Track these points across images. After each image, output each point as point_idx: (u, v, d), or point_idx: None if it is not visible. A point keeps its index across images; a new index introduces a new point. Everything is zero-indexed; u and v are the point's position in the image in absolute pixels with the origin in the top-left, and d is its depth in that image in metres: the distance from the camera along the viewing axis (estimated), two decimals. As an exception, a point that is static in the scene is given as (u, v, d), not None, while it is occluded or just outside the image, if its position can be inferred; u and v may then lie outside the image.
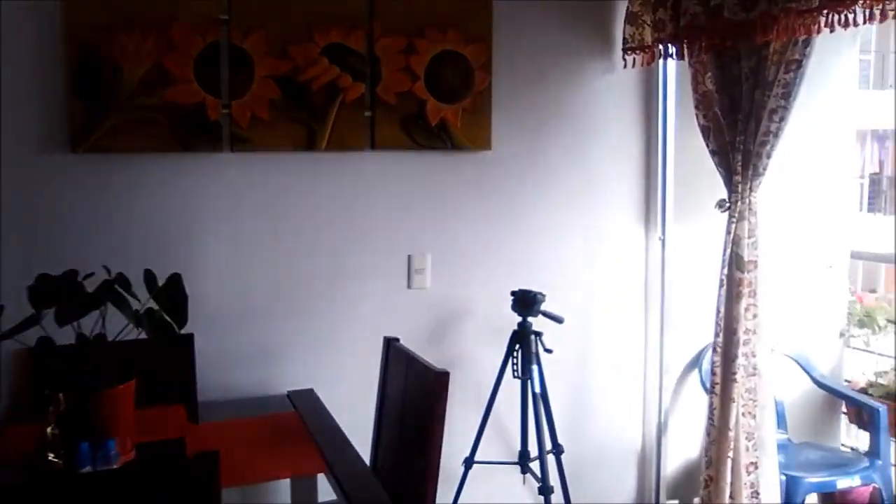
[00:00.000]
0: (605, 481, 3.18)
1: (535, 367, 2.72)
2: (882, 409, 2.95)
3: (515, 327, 2.76)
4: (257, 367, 2.62)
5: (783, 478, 2.73)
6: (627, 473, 3.23)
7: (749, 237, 2.59)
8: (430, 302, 2.82)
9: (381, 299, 2.76)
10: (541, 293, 2.73)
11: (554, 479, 2.73)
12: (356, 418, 2.37)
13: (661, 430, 3.17)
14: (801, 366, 3.26)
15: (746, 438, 2.62)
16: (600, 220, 3.05)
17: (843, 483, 2.81)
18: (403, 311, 2.78)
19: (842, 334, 3.49)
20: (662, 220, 3.09)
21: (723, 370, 2.62)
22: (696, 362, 3.23)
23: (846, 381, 3.54)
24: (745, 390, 2.61)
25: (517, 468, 2.84)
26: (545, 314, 2.73)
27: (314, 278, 2.66)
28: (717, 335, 2.64)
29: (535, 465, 2.77)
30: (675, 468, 3.25)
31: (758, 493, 2.63)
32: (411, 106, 2.63)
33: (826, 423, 3.49)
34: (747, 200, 2.58)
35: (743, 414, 2.61)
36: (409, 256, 2.78)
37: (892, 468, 3.03)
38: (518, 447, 2.85)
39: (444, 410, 2.02)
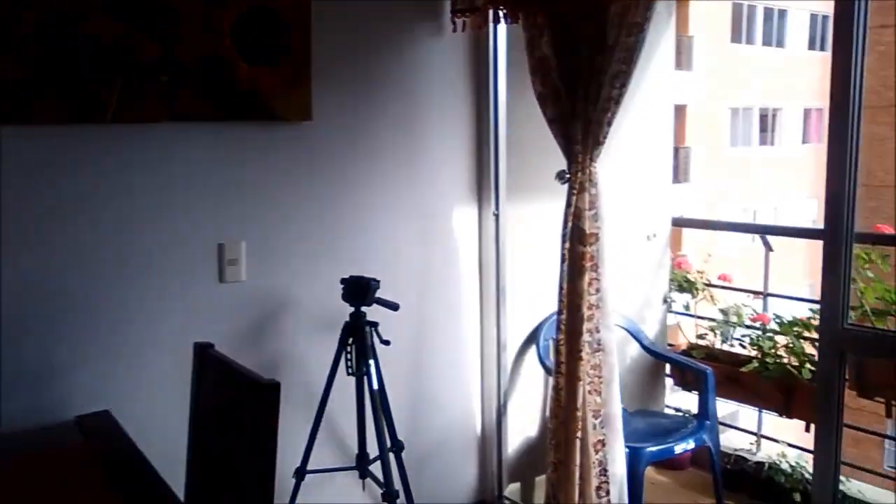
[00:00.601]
0: (446, 472, 3.01)
1: (371, 362, 2.46)
2: (709, 371, 3.01)
3: (348, 319, 2.47)
4: (35, 388, 2.12)
5: (626, 450, 2.69)
6: (468, 461, 3.08)
7: (590, 209, 2.48)
8: (248, 297, 2.46)
9: (188, 298, 2.35)
10: (374, 279, 2.46)
11: (395, 479, 2.49)
12: (165, 444, 1.99)
13: (500, 412, 3.05)
14: (632, 333, 3.27)
15: (594, 416, 2.53)
16: (432, 196, 2.83)
17: (679, 448, 2.83)
18: (216, 310, 2.40)
19: (665, 300, 3.56)
20: (496, 195, 2.93)
21: (568, 348, 2.51)
22: (532, 339, 3.13)
23: (669, 345, 3.63)
24: (590, 368, 2.51)
25: (356, 473, 2.58)
26: (380, 302, 2.48)
27: (102, 278, 2.20)
28: (560, 312, 2.52)
29: (375, 468, 2.52)
30: (515, 449, 3.14)
31: (606, 471, 2.57)
32: (217, 70, 2.24)
33: (652, 388, 3.55)
34: (587, 171, 2.46)
35: (589, 392, 2.52)
36: (220, 246, 2.39)
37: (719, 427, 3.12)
38: (355, 450, 2.58)
39: (276, 427, 1.71)
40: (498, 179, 2.91)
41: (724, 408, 3.65)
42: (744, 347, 3.36)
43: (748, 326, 3.35)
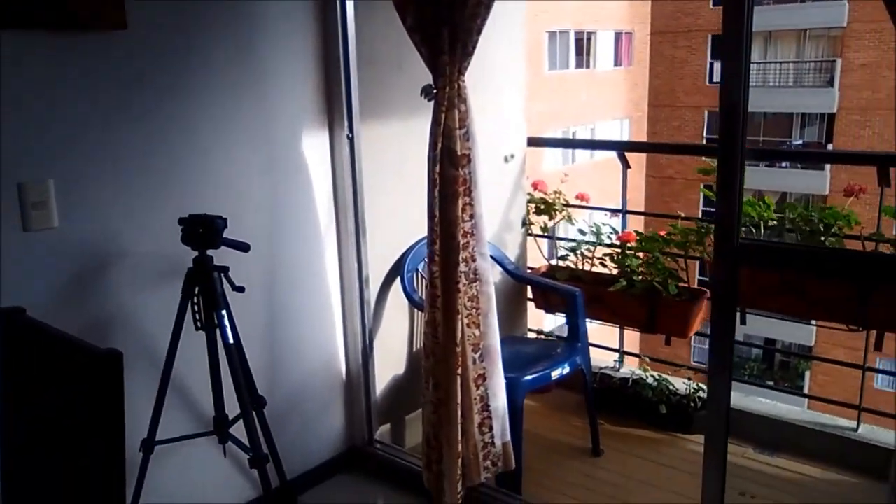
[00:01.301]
0: (312, 423, 2.76)
1: (223, 313, 2.13)
2: (578, 292, 2.95)
3: (191, 265, 2.12)
4: None
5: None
6: (335, 408, 2.85)
7: (460, 128, 2.25)
8: (63, 247, 2.03)
9: (-16, 253, 1.89)
10: (220, 217, 2.12)
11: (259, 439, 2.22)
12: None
13: (366, 353, 2.82)
14: (496, 259, 3.13)
15: (473, 351, 2.37)
16: (277, 119, 2.48)
17: (555, 374, 2.75)
18: (23, 266, 1.95)
19: (524, 223, 3.45)
20: (349, 116, 2.63)
21: (444, 281, 2.31)
22: (396, 271, 2.91)
23: (529, 268, 3.54)
24: (468, 299, 2.34)
25: (214, 439, 2.27)
26: (228, 243, 2.14)
27: None
28: (432, 242, 2.31)
29: (236, 430, 2.23)
30: (383, 389, 2.95)
31: (488, 406, 2.43)
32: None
33: (516, 313, 3.47)
34: (456, 85, 2.22)
35: (468, 325, 2.35)
36: (20, 186, 1.93)
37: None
38: (212, 413, 2.26)
39: (122, 407, 1.38)
40: (351, 99, 2.61)
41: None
42: (605, 266, 3.34)
43: (609, 245, 3.32)
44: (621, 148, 3.65)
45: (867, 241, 2.67)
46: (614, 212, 3.53)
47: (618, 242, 3.24)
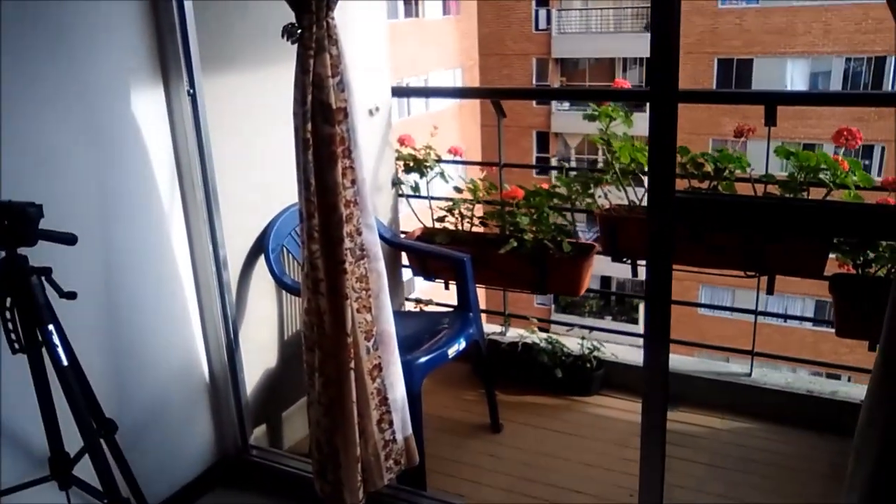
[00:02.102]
0: (174, 439, 2.34)
1: (50, 327, 1.66)
2: (467, 258, 2.67)
3: (-2, 269, 1.62)
4: None
5: (398, 367, 2.26)
6: (200, 417, 2.42)
7: (333, 76, 1.87)
8: None
9: None
10: (32, 204, 1.63)
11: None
12: None
13: (231, 348, 2.41)
14: (371, 228, 2.78)
15: (366, 339, 2.04)
16: (96, 75, 1.97)
17: (452, 350, 2.47)
18: None
19: (394, 183, 3.12)
20: (188, 66, 2.16)
21: (328, 262, 1.95)
22: (259, 249, 2.50)
23: (402, 232, 3.23)
24: (356, 280, 1.99)
25: (53, 485, 1.80)
26: (46, 236, 1.65)
27: None
28: (310, 217, 1.92)
29: (81, 469, 1.78)
30: (255, 387, 2.56)
31: (386, 399, 2.12)
32: None
33: (392, 283, 3.14)
34: (325, 23, 1.83)
35: (358, 310, 2.01)
36: None
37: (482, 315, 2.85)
38: (47, 453, 1.79)
39: None
40: (188, 46, 2.13)
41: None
42: (485, 226, 3.09)
43: (490, 202, 3.06)
44: (497, 95, 3.39)
45: (757, 183, 2.58)
46: (491, 165, 3.27)
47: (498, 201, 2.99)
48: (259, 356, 2.57)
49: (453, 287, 3.04)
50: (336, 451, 2.06)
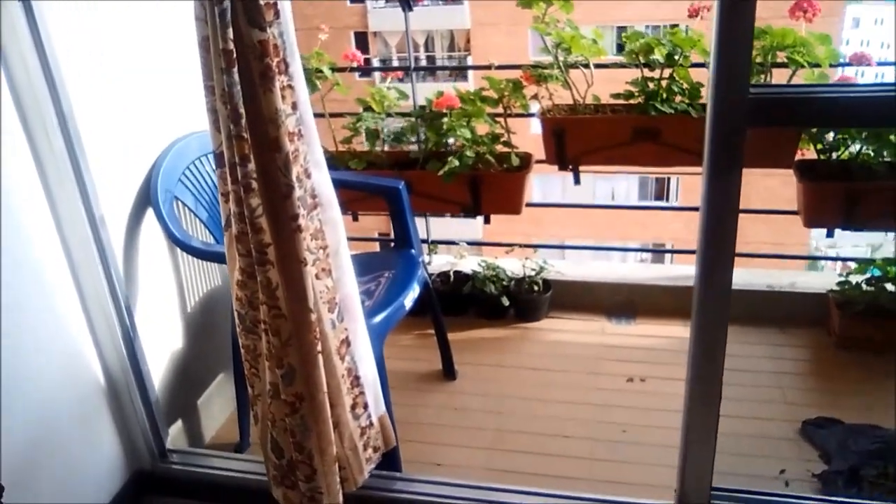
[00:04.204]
0: (69, 464, 1.78)
1: None
2: (401, 186, 2.22)
3: None
4: None
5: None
6: (100, 428, 1.87)
7: (256, -41, 1.31)
8: None
9: None
10: None
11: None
12: None
13: (129, 334, 1.85)
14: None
15: (329, 310, 1.57)
16: None
17: (409, 300, 2.04)
18: None
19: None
20: (14, -42, 1.49)
21: (274, 219, 1.44)
22: (146, 200, 1.92)
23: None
24: (310, 238, 1.50)
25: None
26: None
27: None
28: (243, 161, 1.40)
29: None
30: (160, 377, 2.03)
31: (358, 378, 1.69)
32: None
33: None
34: None
35: (317, 276, 1.53)
36: None
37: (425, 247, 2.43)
38: None
39: None
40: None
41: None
42: (401, 143, 2.63)
43: (404, 114, 2.59)
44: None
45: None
46: (401, 70, 2.78)
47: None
48: (163, 339, 2.03)
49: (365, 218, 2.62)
50: (309, 456, 1.61)
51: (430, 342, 2.44)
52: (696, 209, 1.40)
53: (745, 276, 2.72)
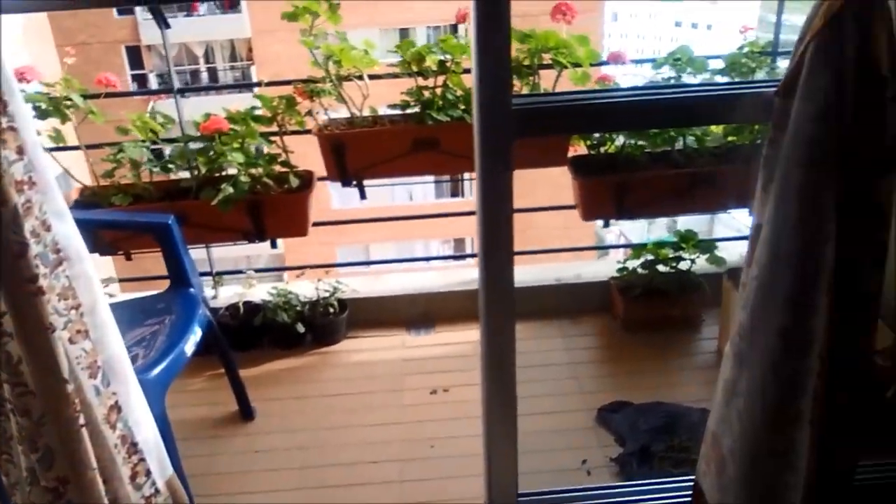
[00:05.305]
0: None
1: None
2: (172, 220, 2.04)
3: None
4: None
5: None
6: None
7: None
8: None
9: None
10: None
11: None
12: None
13: None
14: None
15: (91, 376, 1.39)
16: None
17: (190, 345, 1.88)
18: None
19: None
20: None
21: (8, 284, 1.24)
22: None
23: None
24: (57, 298, 1.31)
25: None
26: None
27: None
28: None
29: None
30: None
31: (135, 445, 1.51)
32: None
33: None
34: None
35: (71, 340, 1.34)
36: None
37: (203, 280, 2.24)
38: None
39: None
40: None
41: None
42: (169, 171, 2.42)
43: (171, 140, 2.39)
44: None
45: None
46: (163, 93, 2.56)
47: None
48: None
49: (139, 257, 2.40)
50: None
51: (223, 383, 2.28)
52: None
53: (534, 272, 2.81)
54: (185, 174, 2.40)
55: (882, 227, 1.31)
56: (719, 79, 2.44)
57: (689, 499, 1.69)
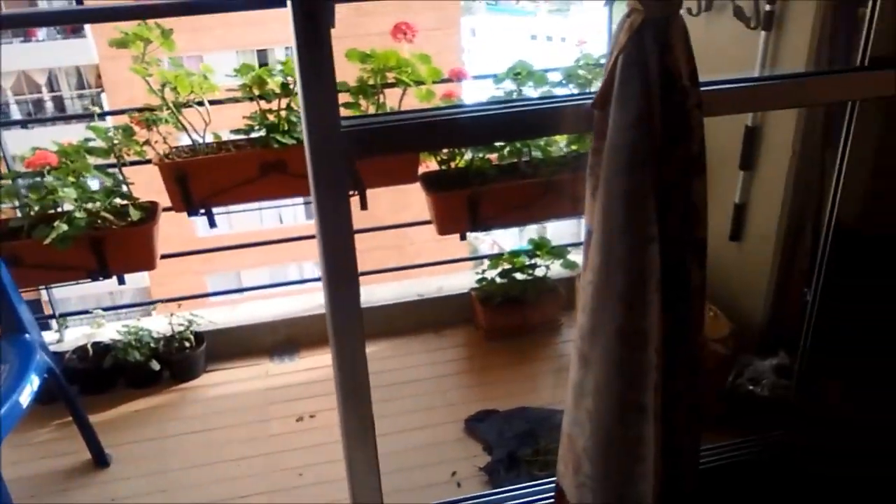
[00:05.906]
0: None
1: None
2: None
3: None
4: None
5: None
6: None
7: None
8: None
9: None
10: None
11: None
12: None
13: None
14: None
15: None
16: None
17: (25, 396, 1.75)
18: None
19: None
20: None
21: None
22: None
23: None
24: None
25: None
26: None
27: None
28: None
29: None
30: None
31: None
32: None
33: None
34: None
35: None
36: None
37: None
38: None
39: None
40: None
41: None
42: (-3, 210, 2.26)
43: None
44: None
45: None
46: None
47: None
48: None
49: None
50: None
51: (73, 431, 2.14)
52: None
53: (395, 289, 2.82)
54: (16, 213, 2.25)
55: (700, 226, 1.41)
56: (559, 91, 2.54)
57: (552, 500, 1.74)
